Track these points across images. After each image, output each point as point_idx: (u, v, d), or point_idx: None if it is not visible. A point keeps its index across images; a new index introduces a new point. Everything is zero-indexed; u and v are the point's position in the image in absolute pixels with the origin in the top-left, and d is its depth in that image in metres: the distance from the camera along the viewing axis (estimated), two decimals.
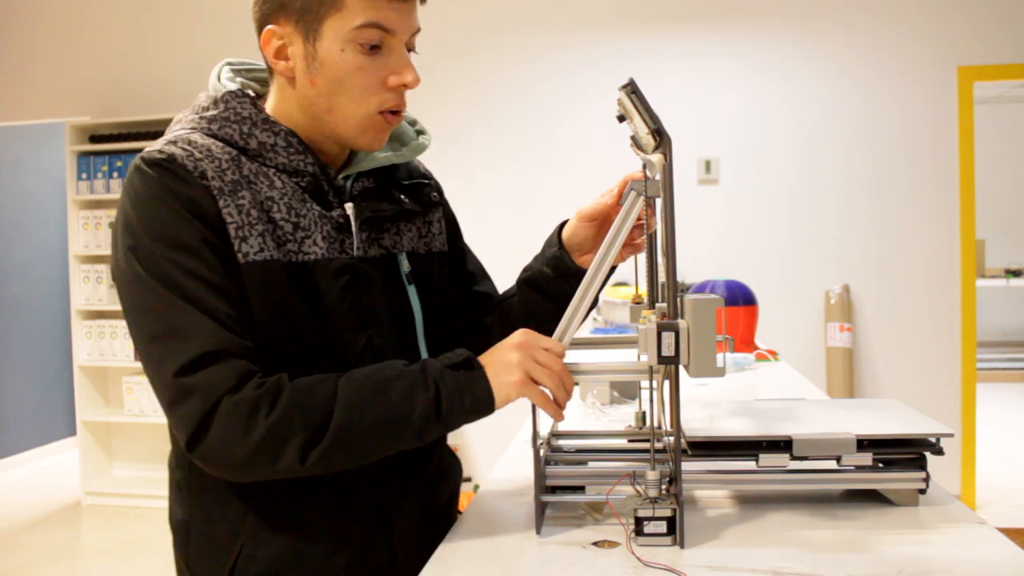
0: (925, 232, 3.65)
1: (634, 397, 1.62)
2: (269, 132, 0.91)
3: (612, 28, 3.85)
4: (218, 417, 0.79)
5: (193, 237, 0.83)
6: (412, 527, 0.98)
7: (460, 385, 0.85)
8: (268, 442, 0.80)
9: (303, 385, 0.83)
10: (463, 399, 0.85)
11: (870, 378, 3.72)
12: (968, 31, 3.58)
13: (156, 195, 0.84)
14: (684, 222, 3.50)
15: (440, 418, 0.84)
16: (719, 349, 0.82)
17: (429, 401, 0.83)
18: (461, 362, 0.87)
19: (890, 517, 0.91)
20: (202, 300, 0.82)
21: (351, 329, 0.92)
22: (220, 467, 0.82)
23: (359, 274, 0.93)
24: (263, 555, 0.90)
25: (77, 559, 3.35)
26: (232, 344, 0.82)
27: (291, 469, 0.81)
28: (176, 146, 0.87)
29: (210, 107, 0.93)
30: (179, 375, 0.80)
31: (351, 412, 0.82)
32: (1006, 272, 6.60)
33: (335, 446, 0.81)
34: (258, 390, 0.81)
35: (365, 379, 0.84)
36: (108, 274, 4.08)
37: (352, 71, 0.87)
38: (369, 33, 0.86)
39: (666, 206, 0.85)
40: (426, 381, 0.84)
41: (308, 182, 0.91)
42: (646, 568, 0.79)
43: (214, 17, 4.20)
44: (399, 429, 0.83)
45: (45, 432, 5.04)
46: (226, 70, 0.98)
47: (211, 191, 0.85)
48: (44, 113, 4.38)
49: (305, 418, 0.81)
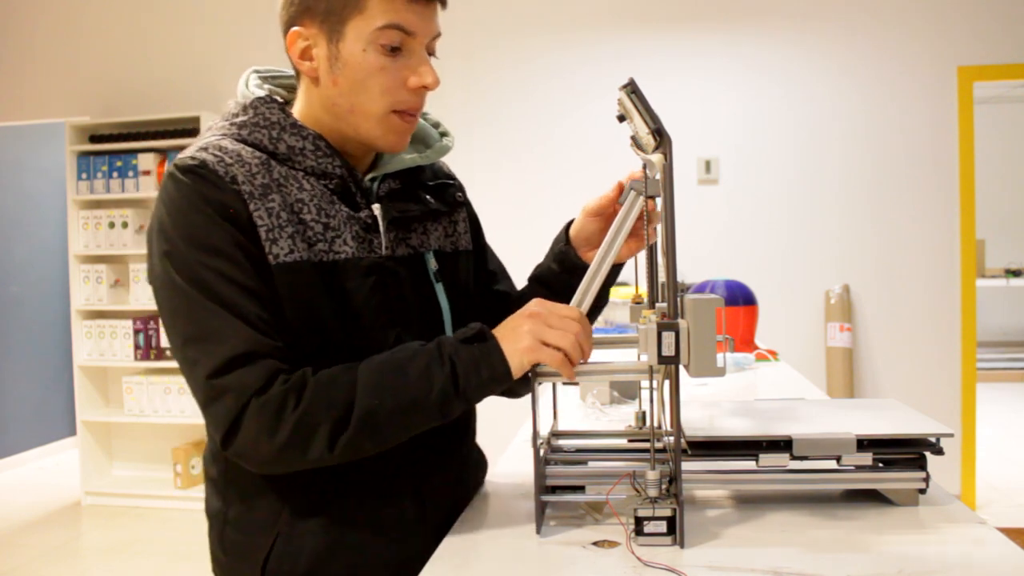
0: (925, 232, 3.65)
1: (634, 397, 1.62)
2: (297, 136, 0.93)
3: (612, 28, 3.85)
4: (248, 417, 0.83)
5: (225, 241, 0.86)
6: (446, 517, 1.00)
7: (475, 359, 0.87)
8: (296, 436, 0.83)
9: (325, 377, 0.86)
10: (480, 372, 0.87)
11: (870, 378, 3.72)
12: (968, 31, 3.58)
13: (189, 201, 0.87)
14: (684, 222, 3.50)
15: (459, 392, 0.86)
16: (719, 349, 0.82)
17: (446, 377, 0.86)
18: (474, 335, 0.89)
19: (890, 517, 0.91)
20: (234, 303, 0.85)
21: (380, 327, 0.94)
22: (253, 462, 0.87)
23: (388, 273, 0.96)
24: (298, 546, 0.93)
25: (77, 559, 3.35)
26: (262, 345, 0.85)
27: (322, 459, 0.85)
28: (207, 152, 0.89)
29: (239, 113, 0.96)
30: (211, 377, 0.84)
31: (372, 397, 0.84)
32: (1006, 272, 6.60)
33: (361, 432, 0.84)
34: (284, 386, 0.84)
35: (383, 363, 0.87)
36: (108, 274, 4.08)
37: (373, 71, 0.90)
38: (390, 34, 0.89)
39: (666, 206, 0.85)
40: (441, 358, 0.86)
41: (336, 184, 0.94)
42: (646, 568, 0.79)
43: (214, 17, 4.20)
44: (420, 408, 0.86)
45: (45, 432, 5.04)
46: (254, 77, 1.02)
47: (242, 195, 0.88)
48: (44, 113, 4.38)
49: (330, 408, 0.84)
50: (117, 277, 4.13)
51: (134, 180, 4.04)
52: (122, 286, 4.15)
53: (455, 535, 0.93)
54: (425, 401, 0.85)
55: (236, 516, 0.97)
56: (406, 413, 0.86)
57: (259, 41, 4.15)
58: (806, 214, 3.74)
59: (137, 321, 4.02)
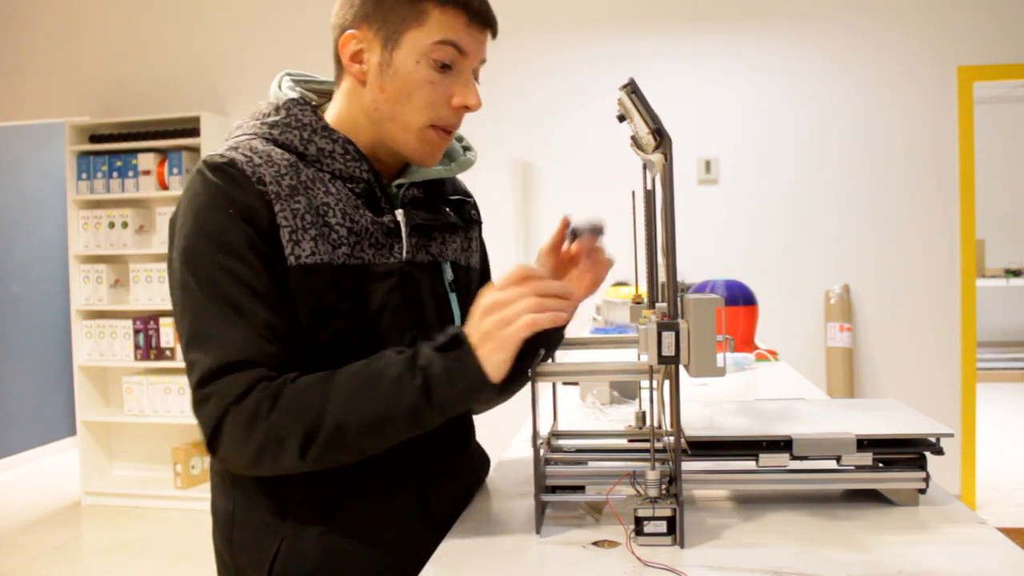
0: (925, 232, 3.65)
1: (634, 397, 1.62)
2: (327, 139, 0.95)
3: (612, 28, 3.85)
4: (226, 424, 0.84)
5: (243, 243, 0.87)
6: (450, 516, 1.00)
7: (450, 369, 0.83)
8: (268, 444, 0.84)
9: (301, 385, 0.85)
10: (455, 383, 0.83)
11: (870, 378, 3.72)
12: (968, 31, 3.58)
13: (212, 198, 0.89)
14: (684, 222, 3.50)
15: (432, 405, 0.83)
16: (719, 349, 0.82)
17: (416, 390, 0.83)
18: (448, 341, 0.85)
19: (890, 517, 0.91)
20: (241, 305, 0.86)
21: (397, 329, 0.95)
22: (235, 468, 0.89)
23: (407, 277, 0.97)
24: (304, 547, 0.93)
25: (77, 559, 3.35)
26: (258, 354, 0.86)
27: (295, 466, 0.85)
28: (237, 152, 0.91)
29: (271, 113, 0.97)
30: (199, 385, 0.86)
31: (343, 409, 0.83)
32: (1006, 272, 6.60)
33: (332, 445, 0.84)
34: (260, 394, 0.84)
35: (357, 373, 0.86)
36: (108, 274, 4.08)
37: (421, 83, 0.92)
38: (445, 51, 0.91)
39: (666, 206, 0.85)
40: (414, 370, 0.84)
41: (362, 188, 0.96)
42: (646, 568, 0.79)
43: (214, 17, 4.20)
44: (391, 422, 0.84)
45: (45, 432, 5.04)
46: (286, 80, 1.03)
47: (267, 196, 0.89)
48: (44, 113, 4.38)
49: (301, 419, 0.83)
50: (117, 277, 4.13)
51: (134, 180, 4.04)
52: (122, 286, 4.15)
53: (455, 535, 0.93)
54: (395, 414, 0.83)
55: (242, 516, 0.97)
56: (377, 427, 0.84)
57: (259, 41, 4.15)
58: (806, 214, 3.74)
59: (137, 321, 4.02)
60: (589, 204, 3.82)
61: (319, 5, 4.09)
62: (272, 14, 4.14)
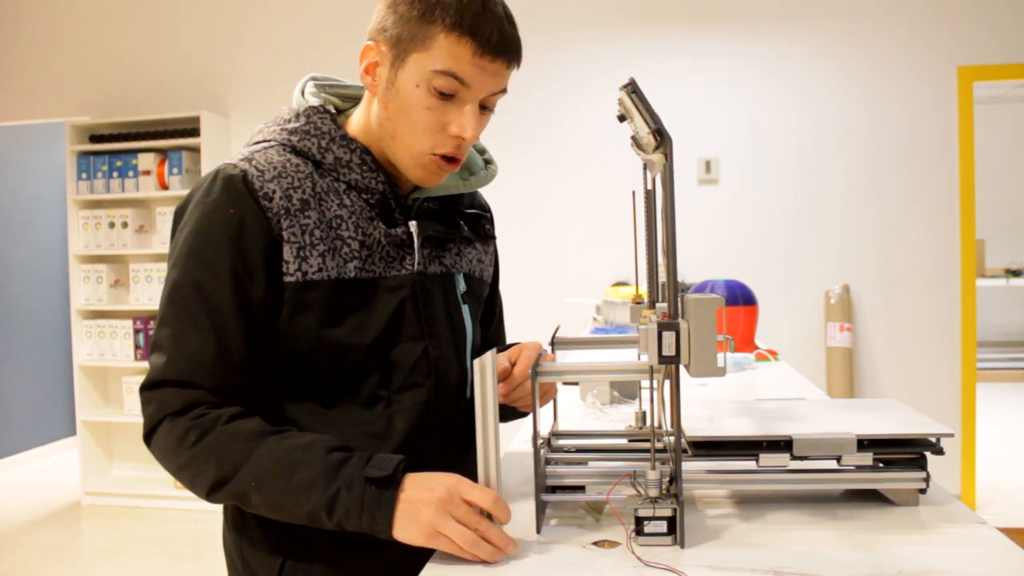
0: (925, 232, 3.65)
1: (634, 397, 1.62)
2: (345, 148, 0.96)
3: (612, 28, 3.85)
4: (159, 433, 0.89)
5: (226, 263, 0.89)
6: None
7: (363, 502, 0.82)
8: (187, 469, 0.88)
9: (231, 432, 0.87)
10: (360, 516, 0.82)
11: (870, 378, 3.72)
12: (968, 31, 3.58)
13: (214, 209, 0.90)
14: (684, 222, 3.50)
15: (332, 519, 0.83)
16: (719, 349, 0.82)
17: (322, 501, 0.83)
18: (383, 478, 0.83)
19: (890, 517, 0.91)
20: (201, 325, 0.89)
21: (409, 339, 0.97)
22: (162, 467, 0.92)
23: (419, 287, 0.98)
24: (312, 549, 0.95)
25: (77, 559, 3.35)
26: (196, 375, 0.88)
27: (208, 498, 0.89)
28: (251, 164, 0.92)
29: (291, 119, 0.98)
30: (145, 387, 0.90)
31: (253, 479, 0.85)
32: (1006, 272, 6.60)
33: (236, 499, 0.87)
34: (193, 420, 0.87)
35: (280, 453, 0.86)
36: (107, 274, 4.08)
37: (419, 108, 0.91)
38: (444, 81, 0.90)
39: (666, 206, 0.85)
40: (332, 481, 0.83)
41: (377, 199, 0.96)
42: (646, 568, 0.79)
43: (214, 17, 4.20)
44: (289, 513, 0.86)
45: (45, 432, 5.04)
46: (310, 85, 1.03)
47: (272, 212, 0.90)
48: (44, 113, 4.38)
49: (218, 465, 0.86)
50: (117, 277, 4.13)
51: (134, 180, 4.04)
52: (122, 286, 4.15)
53: None
54: (295, 510, 0.84)
55: (255, 518, 0.98)
56: (276, 508, 0.86)
57: (259, 41, 4.15)
58: (806, 214, 3.74)
59: (137, 321, 4.02)
60: (589, 204, 3.82)
61: (319, 5, 4.09)
62: (272, 14, 4.14)
